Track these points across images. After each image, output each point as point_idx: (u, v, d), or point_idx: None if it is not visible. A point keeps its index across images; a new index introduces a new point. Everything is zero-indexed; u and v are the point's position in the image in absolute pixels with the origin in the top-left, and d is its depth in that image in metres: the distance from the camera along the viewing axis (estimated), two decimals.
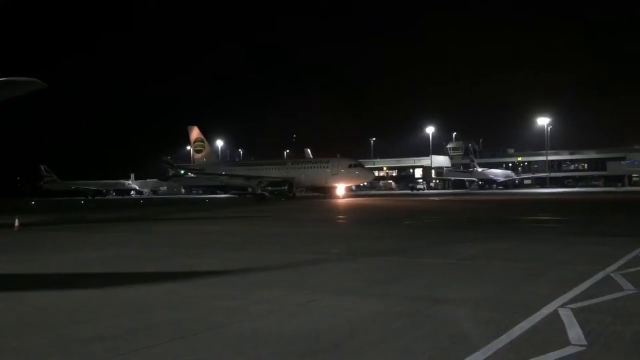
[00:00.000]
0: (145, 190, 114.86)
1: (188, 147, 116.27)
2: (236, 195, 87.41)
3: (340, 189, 63.95)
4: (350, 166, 63.05)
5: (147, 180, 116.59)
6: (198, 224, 25.18)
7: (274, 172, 67.14)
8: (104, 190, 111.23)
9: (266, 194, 63.58)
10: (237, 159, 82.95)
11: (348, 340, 5.60)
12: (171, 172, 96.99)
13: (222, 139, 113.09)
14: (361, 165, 66.56)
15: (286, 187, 61.82)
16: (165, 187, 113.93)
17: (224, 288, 8.55)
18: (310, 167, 66.19)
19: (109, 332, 6.05)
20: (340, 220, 25.49)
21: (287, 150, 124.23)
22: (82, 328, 6.24)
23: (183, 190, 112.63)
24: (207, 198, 75.62)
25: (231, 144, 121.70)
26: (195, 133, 79.12)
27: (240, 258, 12.21)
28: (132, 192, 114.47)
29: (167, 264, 11.45)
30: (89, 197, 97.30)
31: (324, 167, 64.01)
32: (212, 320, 6.47)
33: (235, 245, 15.22)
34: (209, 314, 6.77)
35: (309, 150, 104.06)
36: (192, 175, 79.92)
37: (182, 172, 76.74)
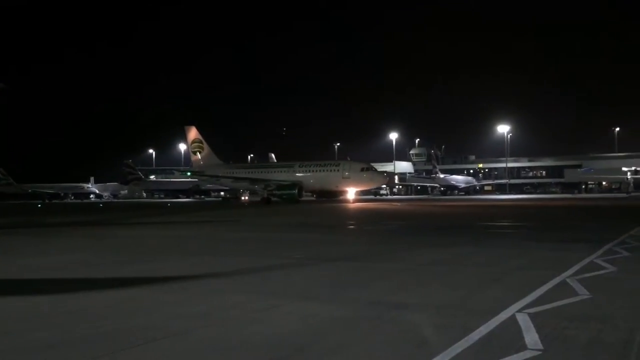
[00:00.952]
0: (105, 194, 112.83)
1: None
2: (220, 199, 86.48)
3: (351, 193, 61.54)
4: (362, 169, 60.73)
5: (107, 183, 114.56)
6: (159, 228, 24.84)
7: (280, 175, 64.46)
8: (62, 194, 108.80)
9: (272, 197, 61.18)
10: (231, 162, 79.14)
11: (311, 345, 5.61)
12: (131, 176, 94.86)
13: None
14: (373, 169, 63.80)
15: (296, 191, 59.82)
16: (125, 191, 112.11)
17: (184, 294, 8.45)
18: (320, 170, 63.24)
19: (60, 340, 5.87)
20: (303, 225, 25.47)
21: (251, 155, 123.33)
22: (31, 336, 6.05)
23: (144, 194, 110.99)
24: (169, 202, 74.68)
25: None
26: (193, 133, 75.32)
27: (202, 263, 12.09)
28: (91, 196, 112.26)
29: (125, 270, 11.24)
30: (46, 201, 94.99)
31: (334, 170, 61.58)
32: (171, 327, 6.38)
33: (196, 250, 15.05)
34: (168, 321, 6.67)
35: (272, 155, 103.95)
36: (200, 178, 76.24)
37: (189, 174, 73.46)
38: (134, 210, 48.32)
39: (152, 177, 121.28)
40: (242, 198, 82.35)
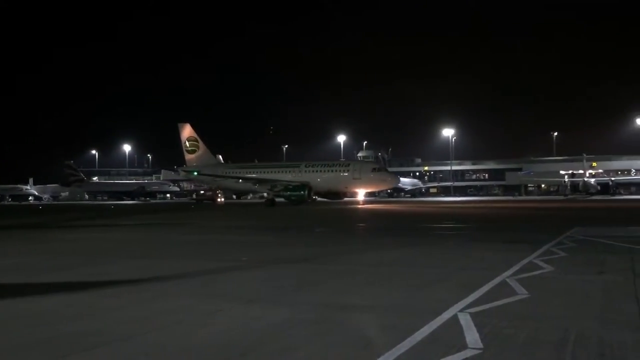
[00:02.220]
0: (45, 196, 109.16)
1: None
2: (194, 201, 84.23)
3: (361, 194, 59.54)
4: (373, 170, 58.69)
5: (47, 185, 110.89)
6: (103, 231, 24.20)
7: (285, 175, 61.42)
8: None
9: (276, 199, 58.68)
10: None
11: (256, 349, 5.58)
12: (72, 178, 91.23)
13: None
14: (385, 169, 62.04)
15: (305, 192, 57.03)
16: (67, 193, 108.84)
17: (129, 298, 8.27)
18: (328, 171, 60.40)
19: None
20: (253, 227, 25.34)
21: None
22: None
23: (87, 196, 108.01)
24: (113, 204, 72.84)
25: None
26: (187, 131, 71.39)
27: (147, 266, 11.85)
28: (30, 198, 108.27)
29: (67, 274, 10.90)
30: None
31: (343, 170, 58.99)
32: (115, 332, 6.23)
33: (142, 253, 14.75)
34: (111, 326, 6.51)
35: (220, 156, 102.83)
36: (204, 177, 70.04)
37: (195, 173, 68.18)
38: (75, 212, 46.88)
39: (94, 178, 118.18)
40: (219, 200, 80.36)
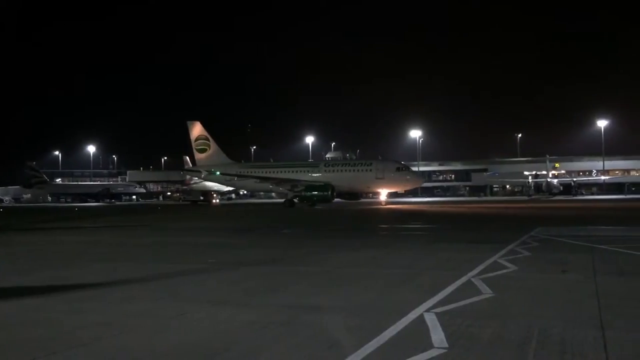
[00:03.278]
0: (6, 198, 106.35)
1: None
2: (188, 202, 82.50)
3: (383, 194, 57.30)
4: (397, 169, 55.78)
5: (9, 187, 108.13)
6: (66, 234, 23.69)
7: (304, 175, 58.55)
8: None
9: (296, 199, 56.28)
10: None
11: (223, 352, 5.54)
12: (34, 179, 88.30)
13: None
14: (409, 169, 58.88)
15: (329, 193, 54.33)
16: (29, 195, 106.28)
17: (93, 302, 8.11)
18: (350, 170, 57.97)
19: None
20: (218, 229, 25.13)
21: (165, 157, 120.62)
22: None
23: (49, 198, 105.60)
24: (76, 207, 71.43)
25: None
26: (197, 129, 68.07)
27: (112, 270, 11.63)
28: None
29: (27, 278, 10.63)
30: None
31: (366, 170, 56.17)
32: (77, 336, 6.11)
33: (106, 256, 14.48)
34: (74, 331, 6.38)
35: (187, 158, 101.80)
36: (228, 177, 64.85)
37: (218, 173, 63.76)
38: (37, 214, 45.83)
39: (58, 180, 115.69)
40: (214, 201, 78.92)
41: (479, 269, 10.32)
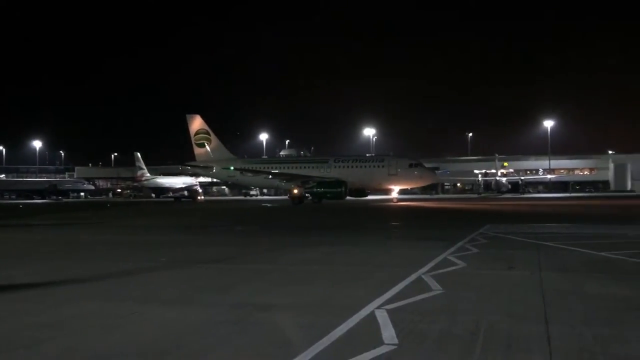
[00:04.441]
0: None
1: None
2: (172, 199, 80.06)
3: (395, 191, 56.86)
4: (410, 166, 54.94)
5: None
6: (9, 232, 22.85)
7: (312, 171, 57.30)
8: None
9: (307, 195, 54.50)
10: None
11: (172, 352, 5.45)
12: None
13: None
14: (422, 165, 57.60)
15: (343, 189, 52.93)
16: None
17: (36, 302, 7.83)
18: (361, 167, 56.72)
19: None
20: (170, 226, 24.73)
21: (115, 154, 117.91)
22: None
23: None
24: (21, 204, 69.04)
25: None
26: (197, 123, 65.91)
27: (58, 269, 11.29)
28: None
29: None
30: None
31: (378, 166, 55.37)
32: (21, 338, 5.89)
33: (53, 255, 14.06)
34: (17, 332, 6.15)
35: (138, 154, 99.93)
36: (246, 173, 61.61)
37: (232, 168, 61.05)
38: None
39: (1, 176, 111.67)
40: (199, 198, 77.03)
41: (430, 266, 10.48)
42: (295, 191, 56.02)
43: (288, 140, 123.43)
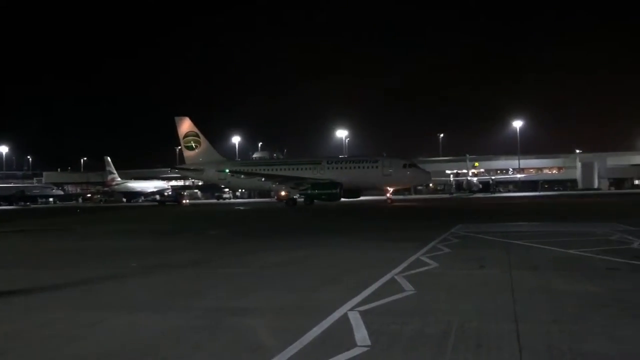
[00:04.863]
0: None
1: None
2: (156, 203, 78.54)
3: (389, 192, 56.59)
4: (404, 166, 54.79)
5: None
6: None
7: (305, 172, 56.52)
8: None
9: (299, 197, 53.92)
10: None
11: (142, 358, 5.37)
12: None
13: None
14: (416, 165, 57.66)
15: (338, 190, 52.33)
16: None
17: None
18: (355, 168, 56.35)
19: None
20: (143, 231, 24.41)
21: (84, 158, 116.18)
22: None
23: None
24: None
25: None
26: (186, 126, 64.36)
27: (22, 276, 11.04)
28: None
29: None
30: None
31: (372, 167, 55.04)
32: None
33: (19, 262, 13.76)
34: None
35: (109, 158, 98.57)
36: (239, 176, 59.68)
37: (227, 171, 59.22)
38: None
39: None
40: (184, 202, 75.99)
41: (402, 267, 10.54)
42: (283, 193, 55.60)
43: (261, 143, 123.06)
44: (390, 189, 57.22)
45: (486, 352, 5.28)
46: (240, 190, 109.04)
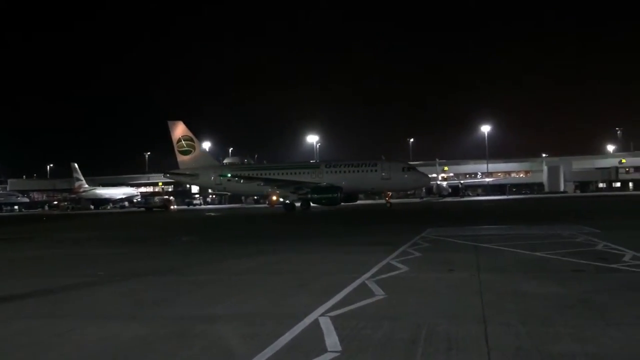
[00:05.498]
0: None
1: None
2: (143, 209, 76.81)
3: (388, 196, 56.92)
4: (403, 169, 54.60)
5: None
6: None
7: (304, 176, 55.82)
8: None
9: (296, 203, 53.05)
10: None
11: None
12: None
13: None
14: (414, 169, 57.36)
15: (338, 195, 51.74)
16: None
17: None
18: (353, 171, 55.39)
19: None
20: (112, 238, 24.00)
21: (51, 165, 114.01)
22: None
23: None
24: None
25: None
26: (180, 130, 62.80)
27: None
28: None
29: None
30: None
31: (371, 170, 54.42)
32: None
33: None
34: None
35: (76, 165, 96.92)
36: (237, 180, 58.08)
37: (229, 175, 57.80)
38: None
39: None
40: (172, 207, 74.66)
41: (373, 271, 10.58)
42: (274, 198, 55.79)
43: (231, 148, 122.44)
44: (389, 192, 57.27)
45: (456, 355, 5.34)
46: (210, 196, 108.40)
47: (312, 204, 54.35)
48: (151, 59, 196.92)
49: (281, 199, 56.92)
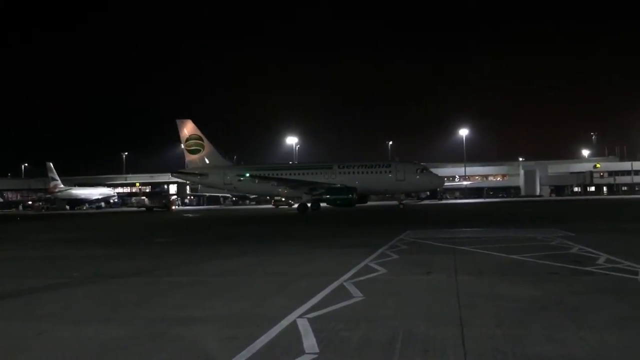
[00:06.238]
0: None
1: None
2: (143, 209, 75.50)
3: (402, 197, 56.32)
4: (417, 171, 53.98)
5: None
6: None
7: (317, 177, 54.91)
8: None
9: (309, 204, 52.13)
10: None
11: None
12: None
13: None
14: (428, 170, 56.59)
15: (353, 196, 50.82)
16: None
17: None
18: (367, 172, 54.72)
19: None
20: (89, 240, 23.67)
21: (25, 164, 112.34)
22: None
23: None
24: None
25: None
26: (188, 128, 61.43)
27: None
28: None
29: None
30: None
31: (384, 171, 54.05)
32: None
33: None
34: None
35: (51, 164, 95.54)
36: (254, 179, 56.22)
37: (248, 174, 56.07)
38: None
39: None
40: (173, 207, 73.58)
41: (351, 273, 10.60)
42: (276, 198, 56.72)
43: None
44: (403, 193, 57.02)
45: (433, 357, 5.37)
46: (189, 197, 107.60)
47: (324, 205, 53.44)
48: (151, 59, 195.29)
49: (289, 200, 56.12)
